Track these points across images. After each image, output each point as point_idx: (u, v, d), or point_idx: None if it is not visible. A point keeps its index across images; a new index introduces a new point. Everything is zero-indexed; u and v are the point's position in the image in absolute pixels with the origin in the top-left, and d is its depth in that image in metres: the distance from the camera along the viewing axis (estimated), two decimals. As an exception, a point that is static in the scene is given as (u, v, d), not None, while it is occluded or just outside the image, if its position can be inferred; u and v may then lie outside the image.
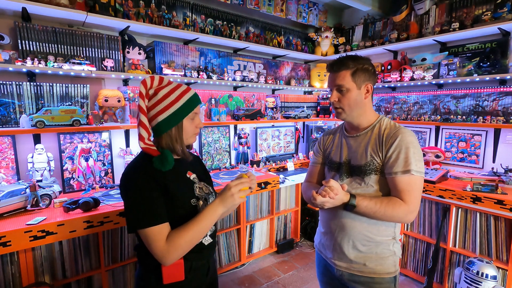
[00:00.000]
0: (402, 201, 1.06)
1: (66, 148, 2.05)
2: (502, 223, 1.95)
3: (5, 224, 1.49)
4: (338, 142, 1.29)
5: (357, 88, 1.14)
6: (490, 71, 2.29)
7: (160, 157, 0.95)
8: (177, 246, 0.91)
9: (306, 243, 3.15)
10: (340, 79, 1.14)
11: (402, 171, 1.06)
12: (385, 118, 1.21)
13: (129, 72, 2.20)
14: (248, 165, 2.95)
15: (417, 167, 1.06)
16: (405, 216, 1.07)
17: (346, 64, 1.13)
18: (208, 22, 2.56)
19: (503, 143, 2.37)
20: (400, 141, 1.08)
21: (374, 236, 1.14)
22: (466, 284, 1.92)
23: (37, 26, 1.86)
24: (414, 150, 1.07)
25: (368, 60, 1.17)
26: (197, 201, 1.02)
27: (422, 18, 2.66)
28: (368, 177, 1.13)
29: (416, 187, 1.07)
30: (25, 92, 1.89)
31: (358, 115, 1.18)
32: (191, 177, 1.07)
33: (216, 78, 2.60)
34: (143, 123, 0.95)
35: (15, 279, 1.54)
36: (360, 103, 1.15)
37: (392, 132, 1.12)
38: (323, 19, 3.33)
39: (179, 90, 1.00)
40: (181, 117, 0.99)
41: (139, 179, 0.93)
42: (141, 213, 0.91)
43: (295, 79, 3.43)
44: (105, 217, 1.68)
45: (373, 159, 1.12)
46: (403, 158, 1.06)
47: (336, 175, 1.24)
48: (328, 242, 1.24)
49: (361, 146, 1.17)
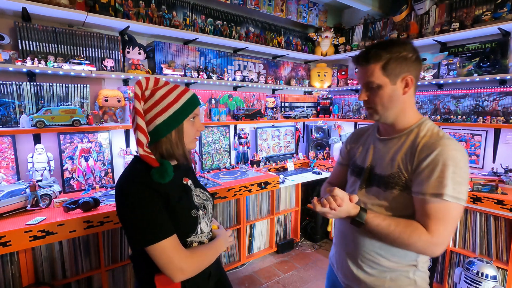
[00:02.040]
0: (425, 230, 0.85)
1: (66, 148, 2.05)
2: (502, 223, 1.95)
3: (5, 224, 1.49)
4: (366, 144, 1.10)
5: (391, 83, 0.91)
6: (490, 71, 2.29)
7: (160, 169, 0.86)
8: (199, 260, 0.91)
9: (306, 243, 3.15)
10: (368, 74, 0.93)
11: (432, 194, 0.84)
12: (429, 122, 0.96)
13: (129, 72, 2.20)
14: (248, 165, 2.95)
15: (454, 192, 0.82)
16: (427, 248, 0.85)
17: (375, 56, 0.91)
18: (208, 22, 2.56)
19: (503, 143, 2.37)
20: (438, 155, 0.85)
21: (386, 261, 0.96)
22: (466, 284, 1.92)
23: (37, 26, 1.86)
24: (455, 169, 0.83)
25: (407, 44, 0.92)
26: (197, 212, 0.97)
27: (422, 18, 2.66)
28: (389, 192, 0.94)
29: (448, 216, 0.84)
30: (25, 92, 1.89)
31: (395, 115, 0.96)
32: (188, 183, 1.01)
33: (216, 78, 2.60)
34: (140, 127, 0.85)
35: (15, 279, 1.54)
36: (397, 100, 0.93)
37: (431, 141, 0.89)
38: (323, 19, 3.33)
39: (177, 90, 0.93)
40: (181, 118, 0.91)
41: (141, 193, 0.85)
42: (150, 228, 0.83)
43: (295, 79, 3.43)
44: (105, 217, 1.68)
45: (400, 171, 0.92)
46: (437, 177, 0.84)
47: (356, 181, 1.07)
48: (337, 256, 1.12)
49: (389, 153, 0.97)
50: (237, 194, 2.36)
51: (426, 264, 1.00)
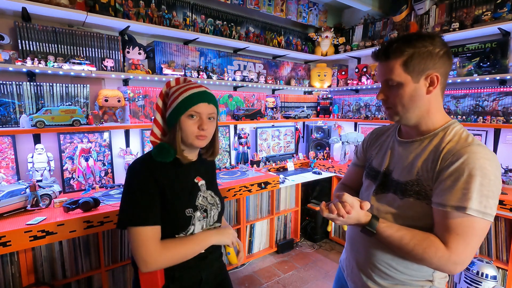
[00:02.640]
0: (443, 245, 0.76)
1: (66, 148, 2.05)
2: (502, 223, 1.95)
3: (5, 224, 1.49)
4: (385, 145, 1.02)
5: (413, 81, 0.82)
6: (490, 71, 2.29)
7: (156, 147, 0.96)
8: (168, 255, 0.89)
9: (306, 243, 3.15)
10: (387, 71, 0.84)
11: (455, 206, 0.75)
12: (457, 125, 0.86)
13: (129, 72, 2.20)
14: (248, 165, 2.95)
15: (480, 206, 0.73)
16: (444, 266, 0.77)
17: (396, 50, 0.82)
18: (208, 22, 2.56)
19: (503, 143, 2.37)
20: (464, 163, 0.75)
21: (398, 273, 0.89)
22: (466, 284, 1.92)
23: (37, 26, 1.86)
24: (483, 181, 0.73)
25: (436, 38, 0.82)
26: (193, 212, 0.97)
27: (422, 18, 2.66)
28: (406, 199, 0.86)
29: (471, 233, 0.75)
30: (25, 92, 1.89)
31: (418, 117, 0.86)
32: (199, 183, 1.04)
33: (216, 78, 2.60)
34: (156, 120, 1.00)
35: (15, 279, 1.54)
36: (420, 101, 0.84)
37: (457, 147, 0.79)
38: (323, 19, 3.33)
39: (184, 87, 0.98)
40: (178, 114, 0.95)
41: (139, 173, 0.92)
42: (137, 209, 0.88)
43: (295, 79, 3.43)
44: (105, 217, 1.68)
45: (420, 178, 0.84)
46: (462, 188, 0.74)
47: (371, 185, 0.99)
48: (347, 262, 1.07)
49: (409, 158, 0.89)
50: (237, 194, 2.36)
51: (443, 280, 0.91)
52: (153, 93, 2.34)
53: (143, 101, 2.29)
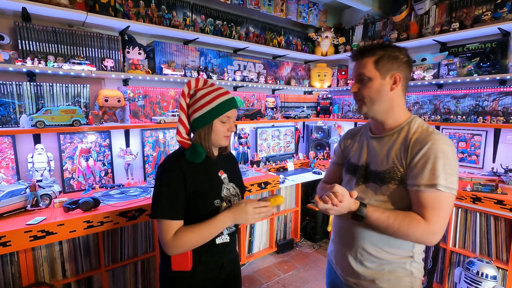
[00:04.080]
0: (423, 219, 0.90)
1: (66, 148, 2.05)
2: (502, 223, 1.95)
3: (5, 224, 1.49)
4: (360, 143, 1.15)
5: (381, 78, 0.98)
6: (490, 71, 2.29)
7: (190, 149, 1.04)
8: (181, 243, 0.99)
9: (306, 243, 3.15)
10: (361, 66, 1.00)
11: (426, 185, 0.89)
12: (418, 119, 1.03)
13: (129, 72, 2.20)
14: (248, 165, 2.95)
15: (446, 182, 0.88)
16: (425, 238, 0.91)
17: (370, 50, 0.99)
18: (208, 22, 2.56)
19: (503, 143, 2.37)
20: (429, 149, 0.90)
21: (384, 253, 1.01)
22: (466, 284, 1.93)
23: (37, 26, 1.86)
24: (445, 161, 0.89)
25: (402, 48, 1.00)
26: (221, 202, 1.08)
27: (422, 18, 2.66)
28: (385, 186, 0.99)
29: (442, 205, 0.89)
30: (25, 92, 1.89)
31: (383, 111, 1.02)
32: (222, 177, 1.13)
33: (216, 78, 2.60)
34: (180, 119, 1.06)
35: (15, 279, 1.54)
36: (385, 96, 0.99)
37: (422, 137, 0.95)
38: (323, 19, 3.33)
39: (216, 92, 1.06)
40: (212, 117, 1.05)
41: (168, 169, 1.03)
42: (160, 204, 1.00)
43: (295, 79, 3.43)
44: (105, 217, 1.68)
45: (395, 166, 0.97)
46: (430, 169, 0.89)
47: (352, 178, 1.11)
48: (335, 252, 1.16)
49: (383, 150, 1.03)
50: (237, 194, 2.35)
51: (421, 255, 1.05)
52: (153, 93, 2.34)
53: (143, 101, 2.29)
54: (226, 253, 1.14)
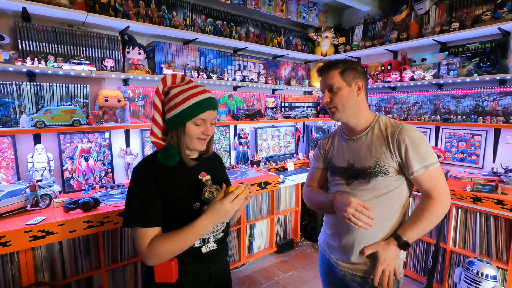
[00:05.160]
0: (433, 199, 1.08)
1: (66, 148, 2.05)
2: (502, 223, 1.95)
3: (5, 224, 1.49)
4: (338, 146, 1.27)
5: (347, 86, 1.14)
6: (490, 71, 2.29)
7: (163, 151, 0.97)
8: (157, 253, 0.90)
9: (306, 243, 3.15)
10: (329, 78, 1.15)
11: (422, 167, 1.06)
12: (382, 116, 1.21)
13: (129, 72, 2.20)
14: (248, 165, 2.95)
15: (432, 159, 1.07)
16: (445, 208, 1.09)
17: (334, 65, 1.16)
18: (208, 22, 2.56)
19: (503, 143, 2.37)
20: (407, 139, 1.07)
21: (379, 240, 1.12)
22: (466, 284, 1.92)
23: (37, 26, 1.86)
24: (424, 143, 1.08)
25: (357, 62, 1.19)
26: (201, 206, 1.00)
27: (422, 18, 2.66)
28: (374, 179, 1.11)
29: (438, 177, 1.08)
30: (25, 92, 1.89)
31: (353, 114, 1.17)
32: (203, 179, 1.03)
33: (216, 78, 2.60)
34: (155, 119, 0.99)
35: (15, 279, 1.54)
36: (353, 100, 1.15)
37: (395, 130, 1.11)
38: (323, 19, 3.33)
39: (190, 92, 0.96)
40: (184, 119, 0.95)
41: (140, 173, 0.96)
42: (133, 211, 0.93)
43: (295, 79, 3.43)
44: (105, 217, 1.68)
45: (378, 160, 1.11)
46: (417, 155, 1.06)
47: (340, 180, 1.21)
48: (333, 243, 1.22)
49: (363, 148, 1.15)
50: (237, 194, 2.35)
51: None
52: (153, 93, 2.33)
53: (143, 101, 2.29)
54: (216, 262, 1.07)
